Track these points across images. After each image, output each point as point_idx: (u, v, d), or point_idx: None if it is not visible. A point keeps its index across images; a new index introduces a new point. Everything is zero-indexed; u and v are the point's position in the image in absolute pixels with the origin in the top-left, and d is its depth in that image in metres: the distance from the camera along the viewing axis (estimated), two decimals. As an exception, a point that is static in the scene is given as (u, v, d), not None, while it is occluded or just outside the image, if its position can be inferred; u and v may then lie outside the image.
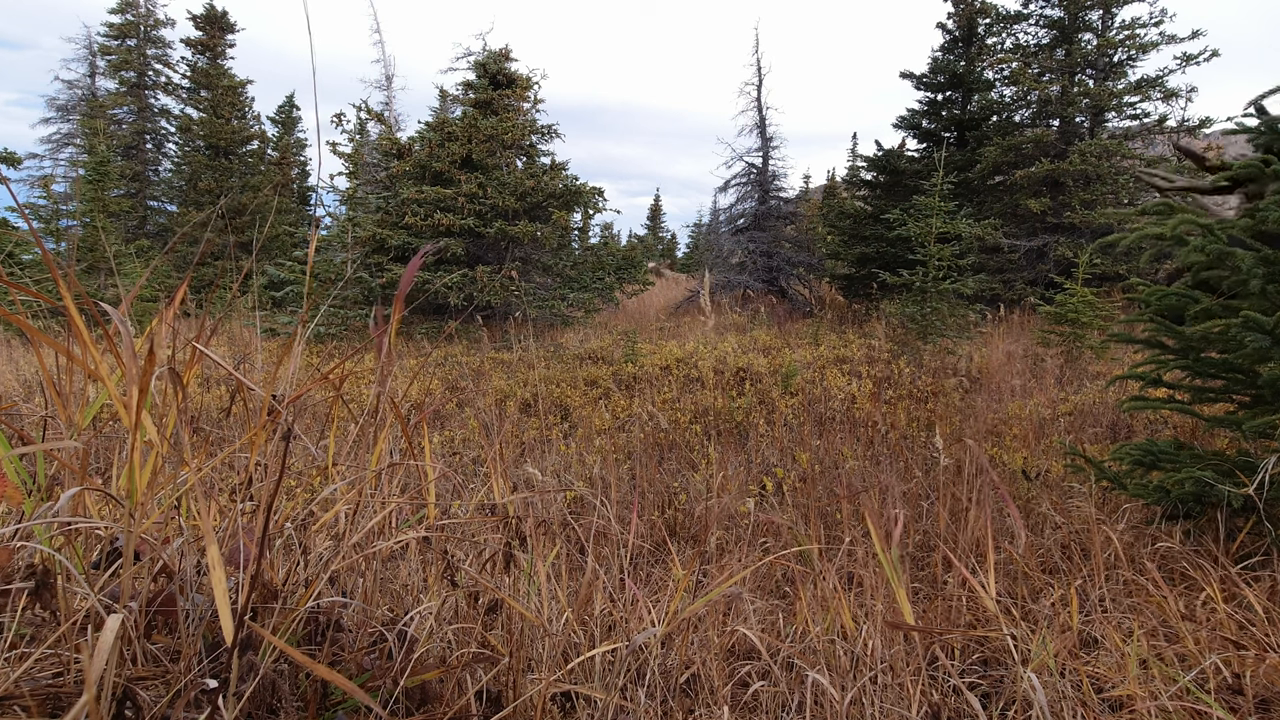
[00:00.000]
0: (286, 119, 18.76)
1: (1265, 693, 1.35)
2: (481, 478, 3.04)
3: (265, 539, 0.96)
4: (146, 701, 0.91)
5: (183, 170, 16.62)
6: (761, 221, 12.70)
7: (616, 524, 2.09)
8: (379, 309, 1.31)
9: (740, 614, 1.73)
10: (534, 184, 9.08)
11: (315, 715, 1.04)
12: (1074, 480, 2.49)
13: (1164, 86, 9.23)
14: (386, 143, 9.77)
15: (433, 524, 1.42)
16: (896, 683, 1.39)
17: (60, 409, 1.13)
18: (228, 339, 7.05)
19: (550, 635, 1.37)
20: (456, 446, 3.71)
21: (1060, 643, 1.48)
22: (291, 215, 17.13)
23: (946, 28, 11.12)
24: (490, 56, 9.72)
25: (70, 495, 0.96)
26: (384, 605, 1.36)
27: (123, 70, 17.20)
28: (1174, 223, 1.91)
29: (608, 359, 6.58)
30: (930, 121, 11.33)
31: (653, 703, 1.33)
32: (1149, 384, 2.24)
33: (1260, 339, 1.71)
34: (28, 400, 3.84)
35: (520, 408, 4.73)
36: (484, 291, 8.45)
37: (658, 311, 11.37)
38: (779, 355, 6.45)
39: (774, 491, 2.80)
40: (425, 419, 1.52)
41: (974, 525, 2.03)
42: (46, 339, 1.03)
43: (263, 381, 1.12)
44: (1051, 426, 3.62)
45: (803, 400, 4.53)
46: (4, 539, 0.98)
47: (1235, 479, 1.75)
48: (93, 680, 0.74)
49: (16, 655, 0.92)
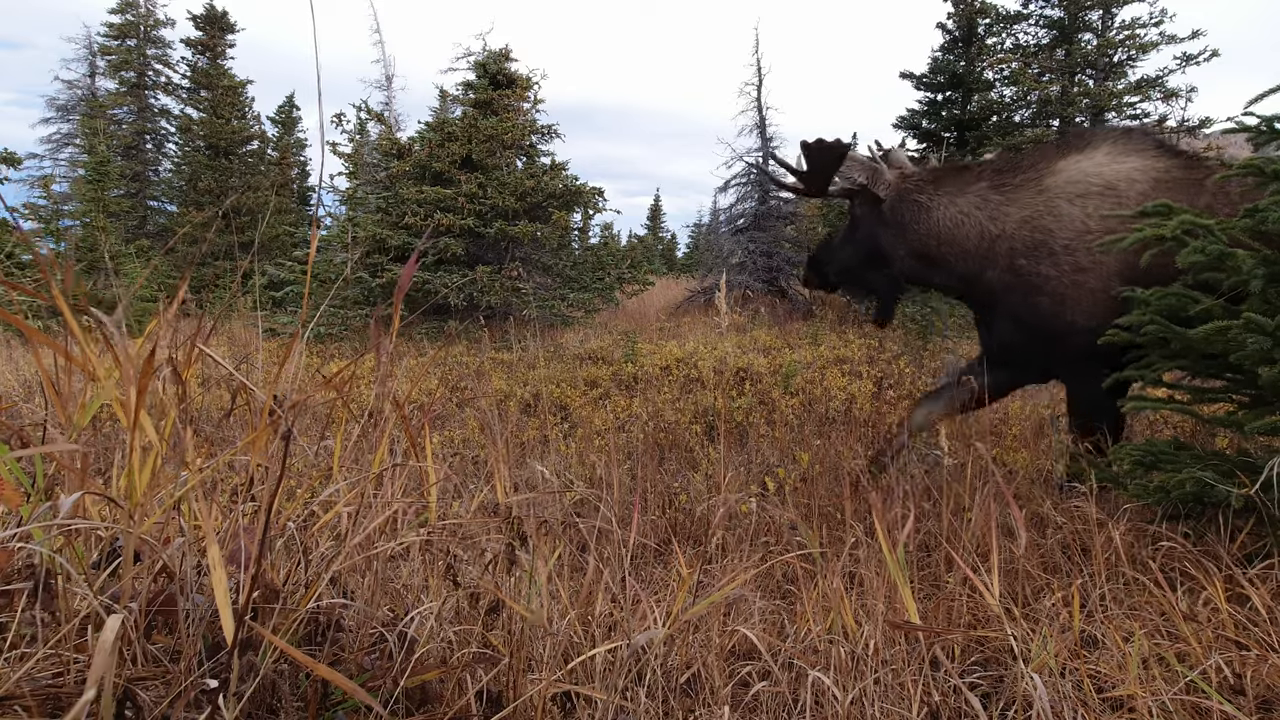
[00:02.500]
0: (286, 119, 18.74)
1: (1267, 693, 1.35)
2: (484, 477, 3.04)
3: (266, 539, 0.96)
4: (147, 702, 0.91)
5: (183, 170, 16.61)
6: (761, 221, 12.70)
7: (618, 524, 2.09)
8: (379, 310, 1.31)
9: (741, 614, 1.73)
10: (534, 184, 9.08)
11: (315, 715, 1.04)
12: (1074, 480, 2.49)
13: (1164, 86, 9.23)
14: (386, 143, 9.77)
15: (434, 525, 1.42)
16: (898, 683, 1.39)
17: (59, 410, 1.13)
18: (228, 339, 7.05)
19: (551, 635, 1.37)
20: (457, 446, 3.71)
21: (1061, 642, 1.48)
22: (291, 215, 17.12)
23: (946, 28, 11.11)
24: (490, 56, 9.72)
25: (73, 500, 0.96)
26: (385, 605, 1.36)
27: (123, 70, 17.19)
28: (1174, 224, 1.91)
29: (608, 359, 6.58)
30: (930, 122, 11.33)
31: (653, 703, 1.33)
32: (1149, 384, 2.24)
33: (1261, 340, 1.71)
34: (27, 401, 3.84)
35: (521, 408, 4.73)
36: (484, 292, 8.45)
37: (658, 311, 11.37)
38: (779, 355, 6.46)
39: (775, 491, 2.80)
40: (427, 420, 1.52)
41: (976, 525, 2.03)
42: (45, 339, 1.03)
43: (264, 383, 1.12)
44: (1051, 426, 3.62)
45: (803, 400, 4.53)
46: (4, 540, 0.97)
47: (1236, 479, 1.75)
48: (94, 680, 0.74)
49: (17, 655, 0.92)
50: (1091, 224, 2.42)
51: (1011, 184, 2.65)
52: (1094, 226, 2.41)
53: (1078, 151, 2.58)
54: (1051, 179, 2.56)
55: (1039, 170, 2.62)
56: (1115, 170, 2.47)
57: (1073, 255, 2.44)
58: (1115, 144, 2.55)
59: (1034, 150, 2.78)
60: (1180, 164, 2.44)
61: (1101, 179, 2.46)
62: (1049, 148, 2.71)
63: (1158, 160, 2.47)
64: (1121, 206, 2.39)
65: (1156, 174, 2.42)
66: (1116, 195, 2.42)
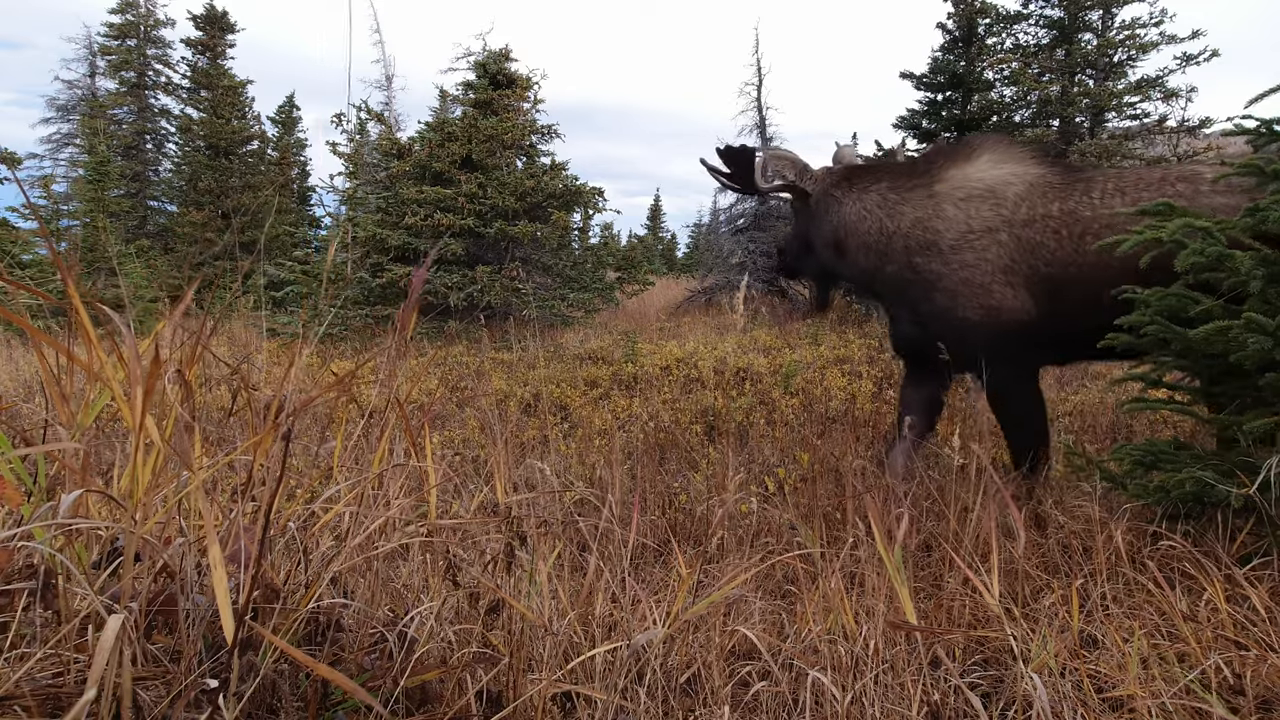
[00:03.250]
0: (286, 119, 18.73)
1: (1266, 693, 1.35)
2: (484, 477, 3.05)
3: (266, 539, 0.96)
4: (147, 701, 0.91)
5: (183, 170, 16.60)
6: (761, 222, 12.69)
7: (618, 524, 2.09)
8: (380, 310, 1.31)
9: (742, 614, 1.73)
10: (534, 184, 9.08)
11: (315, 715, 1.04)
12: (1074, 480, 2.49)
13: (1164, 86, 9.22)
14: (386, 143, 9.77)
15: (434, 524, 1.42)
16: (898, 683, 1.39)
17: (61, 409, 1.13)
18: (229, 339, 7.05)
19: (551, 635, 1.37)
20: (457, 446, 3.71)
21: (1061, 642, 1.48)
22: (291, 215, 17.11)
23: (946, 28, 11.11)
24: (490, 56, 9.72)
25: (73, 498, 0.96)
26: (385, 605, 1.36)
27: (123, 70, 17.18)
28: (1174, 226, 1.91)
29: (608, 359, 6.58)
30: (930, 122, 11.32)
31: (653, 703, 1.33)
32: (1149, 385, 2.24)
33: (1262, 340, 1.71)
34: (28, 401, 3.84)
35: (521, 408, 4.73)
36: (484, 292, 8.45)
37: (658, 311, 11.37)
38: (779, 355, 6.45)
39: (775, 491, 2.80)
40: (427, 420, 1.53)
41: (976, 525, 2.03)
42: (47, 339, 1.03)
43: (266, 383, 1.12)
44: (1051, 427, 3.62)
45: (803, 400, 4.53)
46: (5, 540, 0.98)
47: (1236, 479, 1.75)
48: (95, 680, 0.74)
49: (17, 655, 0.92)
50: (974, 224, 2.64)
51: (907, 185, 2.87)
52: (975, 226, 2.64)
53: (964, 159, 2.81)
54: (940, 185, 2.78)
55: (931, 175, 2.84)
56: (995, 175, 2.70)
57: (959, 254, 2.65)
58: (995, 151, 2.78)
59: (927, 154, 3.02)
60: (1055, 170, 2.66)
61: (983, 183, 2.69)
62: (940, 153, 2.93)
63: (1034, 166, 2.69)
64: (1001, 208, 2.61)
65: (1031, 179, 2.64)
66: (996, 197, 2.64)
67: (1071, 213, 2.50)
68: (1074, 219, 2.49)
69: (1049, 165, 2.71)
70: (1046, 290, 2.54)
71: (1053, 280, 2.51)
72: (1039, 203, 2.56)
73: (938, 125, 11.23)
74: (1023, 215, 2.57)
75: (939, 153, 2.94)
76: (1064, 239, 2.49)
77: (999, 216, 2.59)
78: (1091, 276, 2.42)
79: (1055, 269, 2.49)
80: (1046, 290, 2.54)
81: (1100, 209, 2.45)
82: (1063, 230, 2.49)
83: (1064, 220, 2.50)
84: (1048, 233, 2.51)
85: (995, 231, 2.57)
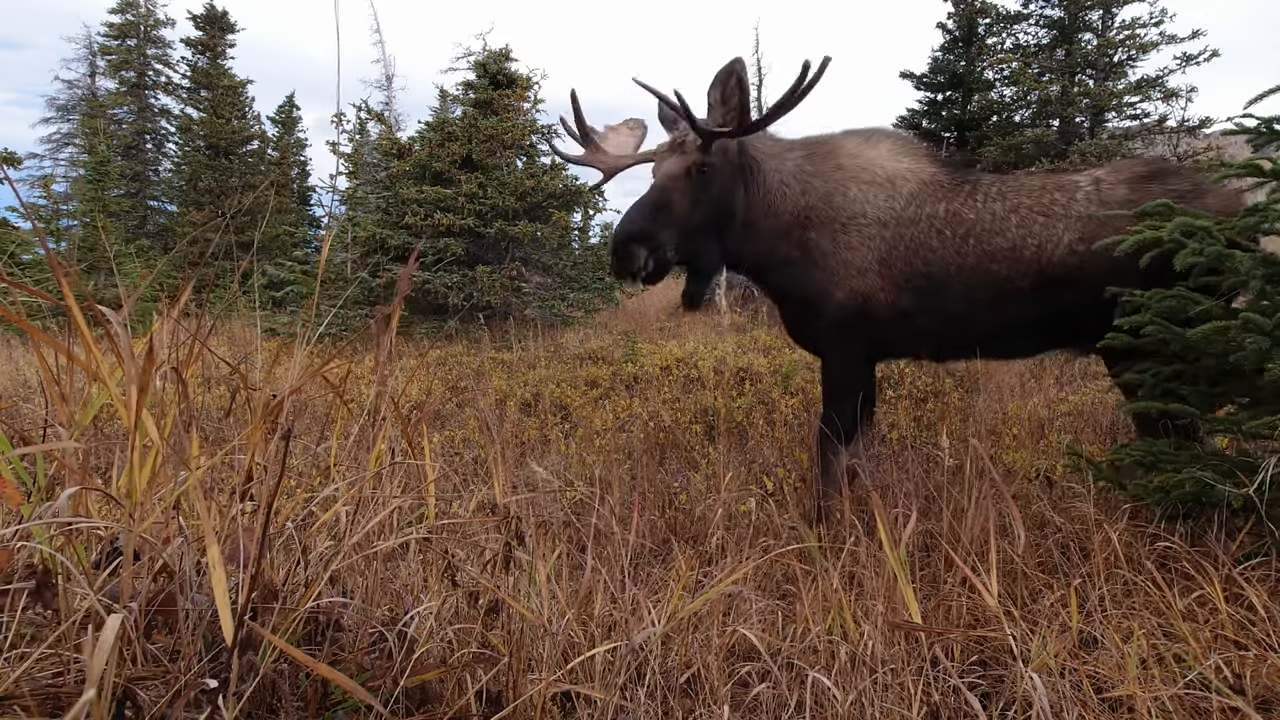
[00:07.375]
0: (286, 119, 18.73)
1: (1266, 693, 1.35)
2: (483, 477, 3.04)
3: (265, 539, 0.96)
4: (146, 701, 0.91)
5: (183, 170, 16.59)
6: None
7: (617, 524, 2.09)
8: (381, 309, 1.31)
9: (741, 614, 1.73)
10: (534, 184, 9.08)
11: (315, 715, 1.04)
12: (1074, 480, 2.49)
13: (1164, 86, 9.22)
14: (386, 143, 9.78)
15: (433, 524, 1.42)
16: (897, 683, 1.39)
17: (60, 409, 1.13)
18: (228, 339, 7.05)
19: (551, 635, 1.37)
20: (457, 446, 3.71)
21: (1060, 642, 1.48)
22: (291, 215, 17.11)
23: (946, 28, 11.10)
24: (490, 56, 9.72)
25: (69, 494, 0.96)
26: (384, 605, 1.36)
27: (123, 70, 17.18)
28: (1173, 227, 1.91)
29: (608, 359, 6.58)
30: (930, 121, 11.32)
31: (653, 703, 1.33)
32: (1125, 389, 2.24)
33: (1260, 340, 1.71)
34: (28, 401, 3.84)
35: (521, 408, 4.73)
36: (484, 292, 8.45)
37: (658, 311, 11.36)
38: (779, 355, 6.45)
39: (775, 491, 2.80)
40: (426, 419, 1.52)
41: (975, 525, 2.03)
42: (47, 338, 1.03)
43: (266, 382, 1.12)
44: (1051, 427, 3.62)
45: (803, 400, 4.53)
46: (4, 539, 0.97)
47: (1235, 479, 1.75)
48: (94, 679, 0.74)
49: (17, 655, 0.92)
50: (869, 210, 2.63)
51: (820, 155, 2.80)
52: (869, 213, 2.63)
53: (865, 142, 2.78)
54: (848, 161, 2.74)
55: (841, 150, 2.79)
56: (895, 167, 2.70)
57: (847, 234, 2.63)
58: (895, 144, 2.78)
59: (834, 135, 2.92)
60: (945, 171, 2.69)
61: (885, 172, 2.68)
62: (850, 134, 2.87)
63: (928, 165, 2.71)
64: (894, 201, 2.62)
65: (925, 177, 2.66)
66: (893, 188, 2.66)
67: (956, 214, 2.54)
68: (958, 220, 2.52)
69: (940, 165, 2.74)
70: (925, 288, 2.55)
71: (932, 279, 2.53)
72: (927, 202, 2.59)
73: (938, 125, 11.22)
74: (910, 213, 2.59)
75: (849, 133, 2.88)
76: (947, 239, 2.52)
77: (890, 210, 2.60)
78: (972, 279, 2.47)
79: (935, 268, 2.52)
80: (925, 288, 2.55)
81: (983, 212, 2.50)
82: (946, 230, 2.53)
83: (948, 221, 2.53)
84: (932, 232, 2.55)
85: (884, 225, 2.59)
